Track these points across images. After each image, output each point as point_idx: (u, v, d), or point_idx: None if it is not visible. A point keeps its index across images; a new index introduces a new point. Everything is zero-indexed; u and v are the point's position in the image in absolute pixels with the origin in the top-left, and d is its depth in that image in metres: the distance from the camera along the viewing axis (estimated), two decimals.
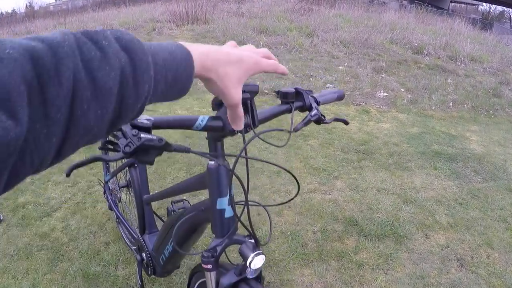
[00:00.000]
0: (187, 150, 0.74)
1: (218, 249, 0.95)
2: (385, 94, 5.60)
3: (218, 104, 0.84)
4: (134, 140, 0.65)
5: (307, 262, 2.30)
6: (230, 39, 4.17)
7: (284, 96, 0.97)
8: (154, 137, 0.67)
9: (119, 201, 2.16)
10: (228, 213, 0.95)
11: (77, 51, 0.35)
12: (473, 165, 4.12)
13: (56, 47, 0.34)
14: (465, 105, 6.07)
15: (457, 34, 10.13)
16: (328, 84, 5.48)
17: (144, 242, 1.64)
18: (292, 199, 1.02)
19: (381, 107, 5.23)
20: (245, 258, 0.92)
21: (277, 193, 2.93)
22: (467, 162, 4.15)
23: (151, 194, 1.66)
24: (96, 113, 0.36)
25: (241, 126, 0.62)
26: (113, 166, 2.30)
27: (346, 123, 1.08)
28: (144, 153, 0.67)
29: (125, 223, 1.97)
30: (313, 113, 0.96)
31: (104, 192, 2.26)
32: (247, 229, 0.95)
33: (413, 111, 5.42)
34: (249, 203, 0.92)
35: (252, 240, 0.96)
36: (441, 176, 3.73)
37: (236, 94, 0.55)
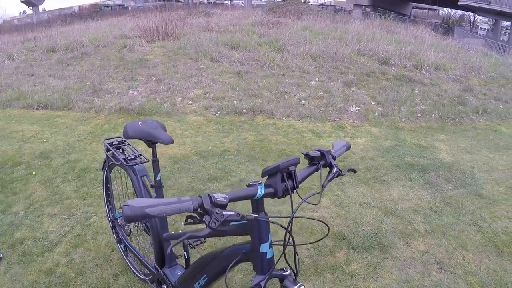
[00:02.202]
0: (257, 219, 1.13)
1: (262, 284, 1.24)
2: (357, 108, 6.24)
3: (266, 172, 1.20)
4: (219, 217, 0.94)
5: (305, 277, 2.75)
6: (202, 56, 4.77)
7: (311, 159, 1.35)
8: (233, 213, 1.00)
9: (129, 234, 2.50)
10: (269, 254, 1.28)
11: None
12: (443, 174, 4.76)
13: None
14: (433, 115, 6.83)
15: (421, 42, 11.18)
16: (303, 101, 6.03)
17: (165, 275, 1.98)
18: (322, 238, 1.43)
19: (355, 121, 5.84)
20: None
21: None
22: (438, 172, 4.79)
23: (171, 232, 1.97)
24: None
25: None
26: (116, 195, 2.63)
27: (354, 171, 1.51)
28: (224, 225, 0.97)
29: (139, 255, 2.32)
30: (334, 170, 1.35)
31: (113, 227, 2.60)
32: (290, 266, 1.31)
33: (385, 124, 6.07)
34: (287, 243, 1.24)
35: (287, 272, 1.30)
36: (415, 187, 4.33)
37: None
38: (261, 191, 1.15)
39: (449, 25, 29.03)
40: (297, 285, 1.22)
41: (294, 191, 1.24)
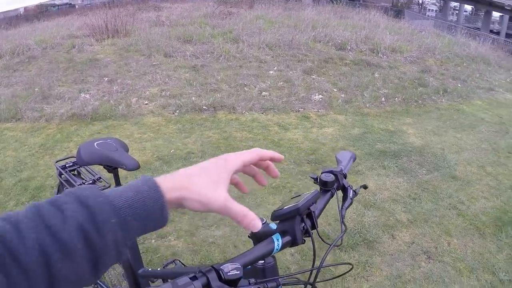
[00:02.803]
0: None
1: None
2: (320, 96, 6.20)
3: (280, 216, 0.94)
4: None
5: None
6: (155, 52, 4.45)
7: (324, 185, 1.10)
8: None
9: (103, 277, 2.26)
10: None
11: (40, 222, 0.47)
12: (416, 158, 4.80)
13: (18, 224, 0.46)
14: (396, 99, 6.92)
15: (375, 26, 11.38)
16: (264, 93, 5.90)
17: None
18: (343, 274, 1.20)
19: (319, 110, 5.79)
20: None
21: None
22: (410, 156, 4.83)
23: (149, 269, 1.76)
24: (72, 267, 0.47)
25: (255, 225, 0.62)
26: None
27: (365, 187, 1.31)
28: None
29: None
30: (351, 194, 1.14)
31: None
32: None
33: (350, 111, 6.06)
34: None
35: None
36: (391, 175, 4.32)
37: (216, 197, 0.59)
38: (278, 243, 0.91)
39: (399, 8, 29.96)
40: None
41: (313, 231, 0.98)
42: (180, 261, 1.68)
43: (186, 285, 0.67)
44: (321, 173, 1.11)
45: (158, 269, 1.64)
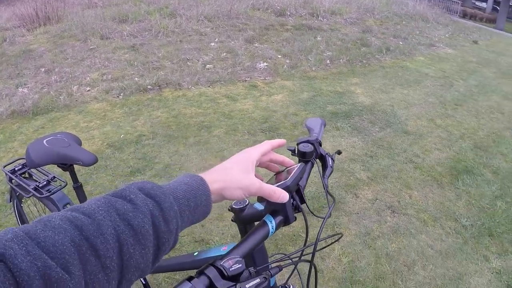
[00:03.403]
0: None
1: None
2: (265, 64, 6.12)
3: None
4: None
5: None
6: (90, 35, 4.10)
7: (303, 155, 1.03)
8: (258, 280, 0.71)
9: None
10: (272, 282, 1.11)
11: (112, 211, 0.51)
12: (367, 117, 4.89)
13: (93, 213, 0.50)
14: (341, 60, 7.00)
15: None
16: (208, 66, 5.73)
17: None
18: (333, 242, 1.16)
19: (266, 78, 5.72)
20: None
21: None
22: (362, 116, 4.90)
23: None
24: (141, 253, 0.51)
25: (284, 197, 0.76)
26: None
27: (339, 153, 1.26)
28: None
29: None
30: (330, 163, 1.09)
31: None
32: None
33: (297, 76, 6.05)
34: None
35: None
36: (345, 135, 4.36)
37: (252, 183, 0.72)
38: (272, 225, 0.86)
39: None
40: None
41: (303, 206, 0.94)
42: None
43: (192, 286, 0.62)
44: (297, 144, 1.05)
45: None
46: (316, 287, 1.01)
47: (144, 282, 1.71)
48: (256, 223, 0.95)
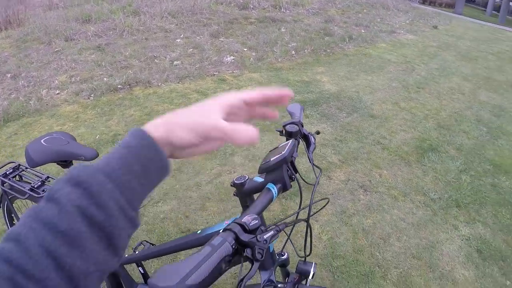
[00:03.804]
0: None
1: (273, 278, 1.20)
2: (232, 58, 6.18)
3: (270, 167, 1.08)
4: (262, 246, 0.83)
5: None
6: (54, 37, 4.00)
7: (290, 135, 1.28)
8: (272, 232, 0.88)
9: None
10: (271, 248, 1.23)
11: (36, 223, 0.42)
12: (334, 103, 5.03)
13: (18, 236, 0.42)
14: (305, 50, 7.13)
15: None
16: (176, 62, 5.73)
17: None
18: (321, 209, 1.33)
19: (234, 71, 5.78)
20: (306, 273, 1.22)
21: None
22: (329, 103, 5.04)
23: (128, 254, 1.65)
24: (82, 256, 0.43)
25: (254, 137, 0.52)
26: None
27: (318, 133, 1.43)
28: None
29: None
30: (313, 140, 1.32)
31: None
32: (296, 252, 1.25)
33: (264, 68, 6.13)
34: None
35: (285, 256, 1.29)
36: (314, 122, 4.49)
37: (207, 119, 0.52)
38: (275, 191, 1.06)
39: None
40: (312, 265, 1.22)
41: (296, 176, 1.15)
42: (148, 242, 1.63)
43: (221, 243, 0.77)
44: (284, 125, 1.29)
45: (133, 252, 1.61)
46: (311, 243, 1.16)
47: (143, 272, 1.74)
48: (255, 195, 1.14)
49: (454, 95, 5.92)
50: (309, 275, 1.17)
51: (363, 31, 8.82)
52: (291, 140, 1.15)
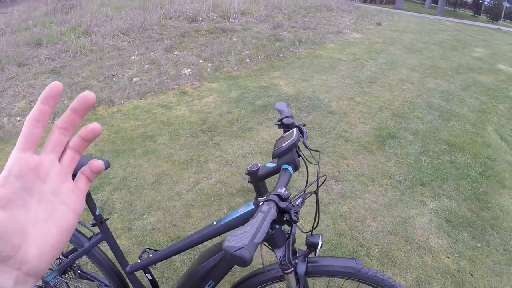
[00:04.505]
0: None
1: (288, 254, 1.32)
2: (190, 70, 6.29)
3: (282, 152, 1.26)
4: (296, 209, 1.07)
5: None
6: (6, 64, 3.99)
7: (287, 126, 1.45)
8: (301, 199, 1.12)
9: None
10: (282, 227, 1.37)
11: None
12: (294, 104, 5.24)
13: None
14: (259, 57, 7.35)
15: None
16: (134, 79, 5.77)
17: None
18: (322, 184, 1.50)
19: (193, 83, 5.90)
20: (315, 244, 1.33)
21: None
22: (289, 104, 5.25)
23: (135, 262, 1.70)
24: None
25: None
26: None
27: (304, 125, 1.61)
28: None
29: None
30: (304, 130, 1.48)
31: None
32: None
33: (221, 77, 6.29)
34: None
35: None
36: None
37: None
38: (291, 170, 1.26)
39: None
40: (319, 237, 1.34)
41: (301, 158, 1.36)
42: (150, 249, 1.72)
43: (269, 209, 0.98)
44: (280, 119, 1.47)
45: (139, 261, 1.68)
46: (319, 216, 1.35)
47: (150, 278, 1.79)
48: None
49: (404, 85, 6.31)
50: (317, 246, 1.31)
51: (311, 34, 9.17)
52: (294, 129, 1.34)
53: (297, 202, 1.09)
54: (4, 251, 0.35)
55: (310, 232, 1.34)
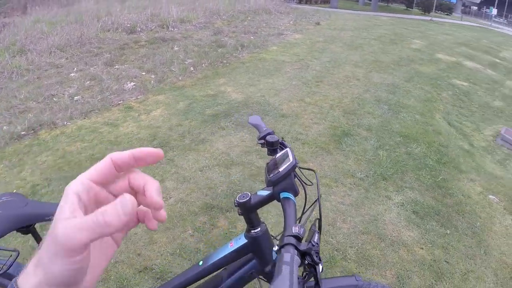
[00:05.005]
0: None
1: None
2: (133, 83, 6.07)
3: (280, 178, 1.13)
4: (317, 249, 0.93)
5: None
6: None
7: (272, 144, 1.34)
8: (316, 235, 0.96)
9: None
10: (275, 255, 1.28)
11: None
12: (245, 111, 5.18)
13: None
14: (203, 64, 7.24)
15: (158, 2, 11.45)
16: (76, 97, 5.46)
17: None
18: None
19: (138, 97, 5.68)
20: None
21: None
22: (239, 111, 5.18)
23: None
24: None
25: (130, 208, 0.40)
26: None
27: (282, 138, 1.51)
28: None
29: None
30: (288, 145, 1.39)
31: None
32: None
33: (167, 89, 6.11)
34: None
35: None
36: (232, 133, 4.58)
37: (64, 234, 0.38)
38: (293, 198, 1.14)
39: None
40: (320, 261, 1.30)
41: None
42: None
43: (292, 258, 0.85)
44: (261, 137, 1.36)
45: None
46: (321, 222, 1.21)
47: None
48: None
49: (351, 82, 6.42)
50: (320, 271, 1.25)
51: (252, 37, 9.17)
52: (287, 149, 1.23)
53: (315, 240, 0.95)
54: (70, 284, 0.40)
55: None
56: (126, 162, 0.45)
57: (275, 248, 0.94)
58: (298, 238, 0.94)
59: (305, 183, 1.27)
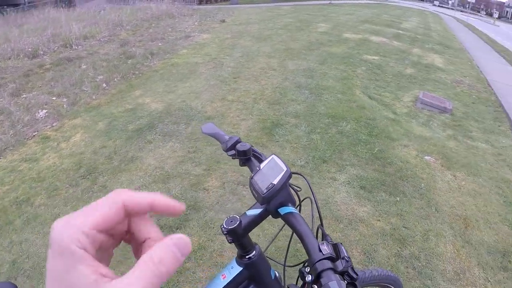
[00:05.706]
0: None
1: None
2: (45, 111, 5.58)
3: (275, 193, 0.98)
4: (351, 265, 0.83)
5: None
6: None
7: (244, 154, 1.19)
8: (343, 249, 0.85)
9: None
10: (273, 274, 1.16)
11: None
12: (169, 120, 4.99)
13: None
14: (115, 79, 6.88)
15: (56, 22, 10.71)
16: None
17: None
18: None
19: (53, 125, 5.23)
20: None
21: None
22: (163, 121, 4.98)
23: None
24: None
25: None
26: None
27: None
28: None
29: None
30: (258, 151, 1.27)
31: None
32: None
33: (82, 111, 5.70)
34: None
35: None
36: (161, 145, 4.38)
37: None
38: (295, 210, 1.02)
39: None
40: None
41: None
42: None
43: (338, 283, 0.77)
44: (229, 148, 1.21)
45: None
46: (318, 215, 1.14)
47: None
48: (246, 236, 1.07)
49: (267, 73, 6.42)
50: None
51: (160, 44, 8.89)
52: (271, 156, 1.09)
53: (345, 253, 0.85)
54: None
55: (303, 264, 1.10)
56: (142, 210, 0.38)
57: (276, 272, 0.86)
58: (332, 259, 0.83)
59: (297, 190, 1.15)
